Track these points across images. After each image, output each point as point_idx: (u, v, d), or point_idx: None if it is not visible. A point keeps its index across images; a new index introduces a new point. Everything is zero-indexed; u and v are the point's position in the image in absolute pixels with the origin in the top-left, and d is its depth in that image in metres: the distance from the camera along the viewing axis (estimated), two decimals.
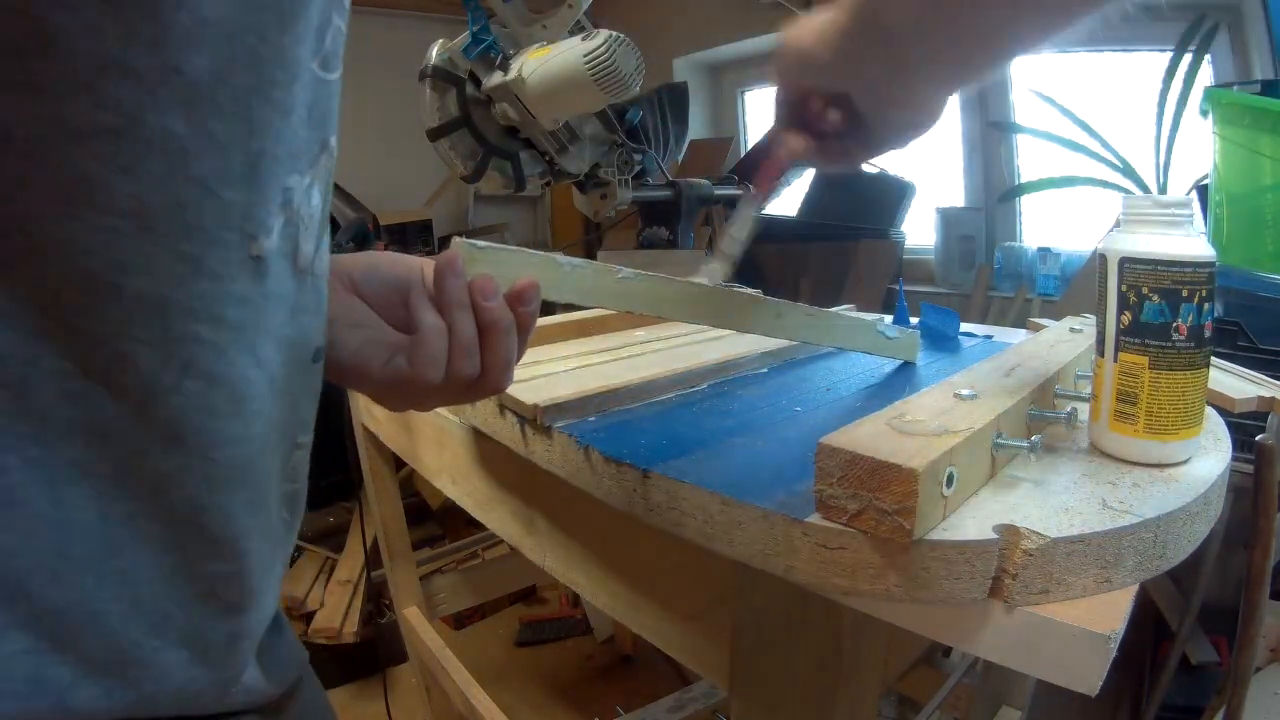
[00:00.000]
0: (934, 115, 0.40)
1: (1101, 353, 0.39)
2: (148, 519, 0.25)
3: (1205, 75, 1.60)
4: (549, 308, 0.91)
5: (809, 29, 0.40)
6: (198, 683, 0.28)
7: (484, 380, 0.36)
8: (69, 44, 0.20)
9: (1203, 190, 1.33)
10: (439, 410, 0.69)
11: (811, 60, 0.40)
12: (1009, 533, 0.31)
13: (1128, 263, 0.37)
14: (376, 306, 0.36)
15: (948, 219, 2.06)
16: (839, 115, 0.41)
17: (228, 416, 0.26)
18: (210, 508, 0.27)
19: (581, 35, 0.90)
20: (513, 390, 0.52)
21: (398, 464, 1.08)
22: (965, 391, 0.39)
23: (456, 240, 0.37)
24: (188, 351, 0.24)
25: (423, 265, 0.37)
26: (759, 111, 2.75)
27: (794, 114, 0.43)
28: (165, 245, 0.23)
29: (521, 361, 0.38)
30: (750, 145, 2.45)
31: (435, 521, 1.95)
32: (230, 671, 0.30)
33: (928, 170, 2.14)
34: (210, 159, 0.23)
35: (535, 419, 0.49)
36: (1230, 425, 0.45)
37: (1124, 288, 0.37)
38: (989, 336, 0.74)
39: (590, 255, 1.74)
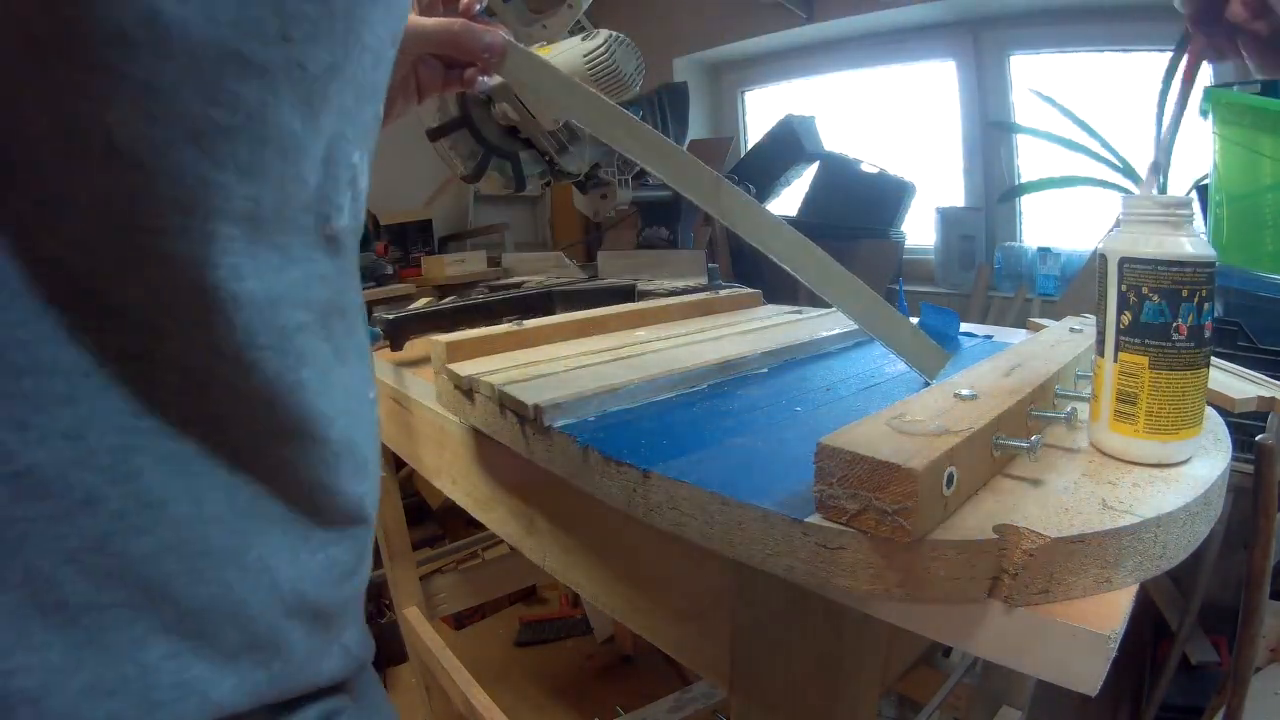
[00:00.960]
0: None
1: (1101, 353, 0.39)
2: (270, 501, 0.25)
3: (1205, 75, 1.60)
4: (549, 308, 0.91)
5: None
6: (316, 653, 0.28)
7: None
8: (184, 35, 0.18)
9: (1203, 190, 1.33)
10: (439, 410, 0.69)
11: None
12: (1009, 533, 0.31)
13: (1128, 263, 0.37)
14: None
15: (948, 219, 2.06)
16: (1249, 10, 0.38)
17: (326, 394, 0.26)
18: (326, 484, 0.27)
19: (581, 35, 0.90)
20: (513, 390, 0.52)
21: (398, 464, 1.09)
22: (965, 391, 0.39)
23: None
24: (298, 343, 0.25)
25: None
26: (759, 111, 2.75)
27: (1204, 6, 0.42)
28: (267, 242, 0.23)
29: (522, 361, 0.38)
30: (750, 145, 2.44)
31: (435, 521, 1.95)
32: (341, 635, 0.30)
33: (928, 170, 2.14)
34: (311, 152, 0.23)
35: (535, 419, 0.49)
36: (1230, 425, 0.45)
37: (1124, 288, 0.37)
38: (989, 336, 0.74)
39: (590, 255, 1.74)
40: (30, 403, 0.19)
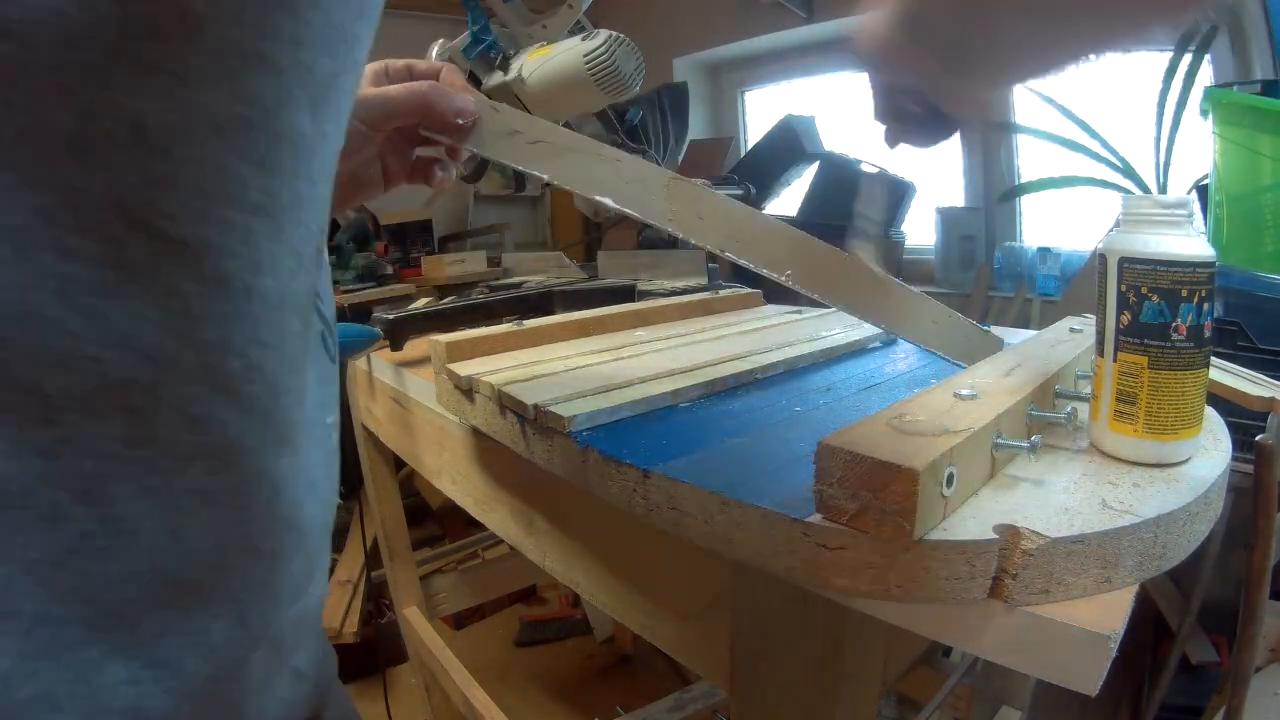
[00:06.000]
0: (992, 107, 0.42)
1: (1101, 353, 0.39)
2: (262, 536, 0.25)
3: (1205, 75, 1.60)
4: (549, 308, 0.91)
5: (876, 20, 0.40)
6: (271, 677, 0.28)
7: None
8: (214, 32, 0.19)
9: (1203, 190, 1.33)
10: (439, 410, 0.69)
11: (882, 51, 0.40)
12: (1009, 533, 0.31)
13: (1127, 263, 0.37)
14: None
15: (948, 219, 2.06)
16: (919, 105, 0.42)
17: (303, 406, 0.26)
18: (307, 504, 0.27)
19: (581, 35, 0.90)
20: (513, 390, 0.52)
21: (398, 464, 1.09)
22: (965, 391, 0.39)
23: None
24: (294, 347, 0.25)
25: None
26: (759, 111, 2.74)
27: (888, 105, 0.44)
28: (284, 242, 0.23)
29: (522, 361, 0.38)
30: (750, 145, 2.44)
31: (435, 521, 1.95)
32: (291, 658, 0.30)
33: (928, 170, 2.14)
34: (320, 157, 0.24)
35: (535, 419, 0.49)
36: (1230, 425, 0.45)
37: (1123, 288, 0.37)
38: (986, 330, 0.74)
39: (590, 256, 1.74)
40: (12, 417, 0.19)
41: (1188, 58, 1.57)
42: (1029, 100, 1.94)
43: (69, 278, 0.19)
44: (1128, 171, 1.71)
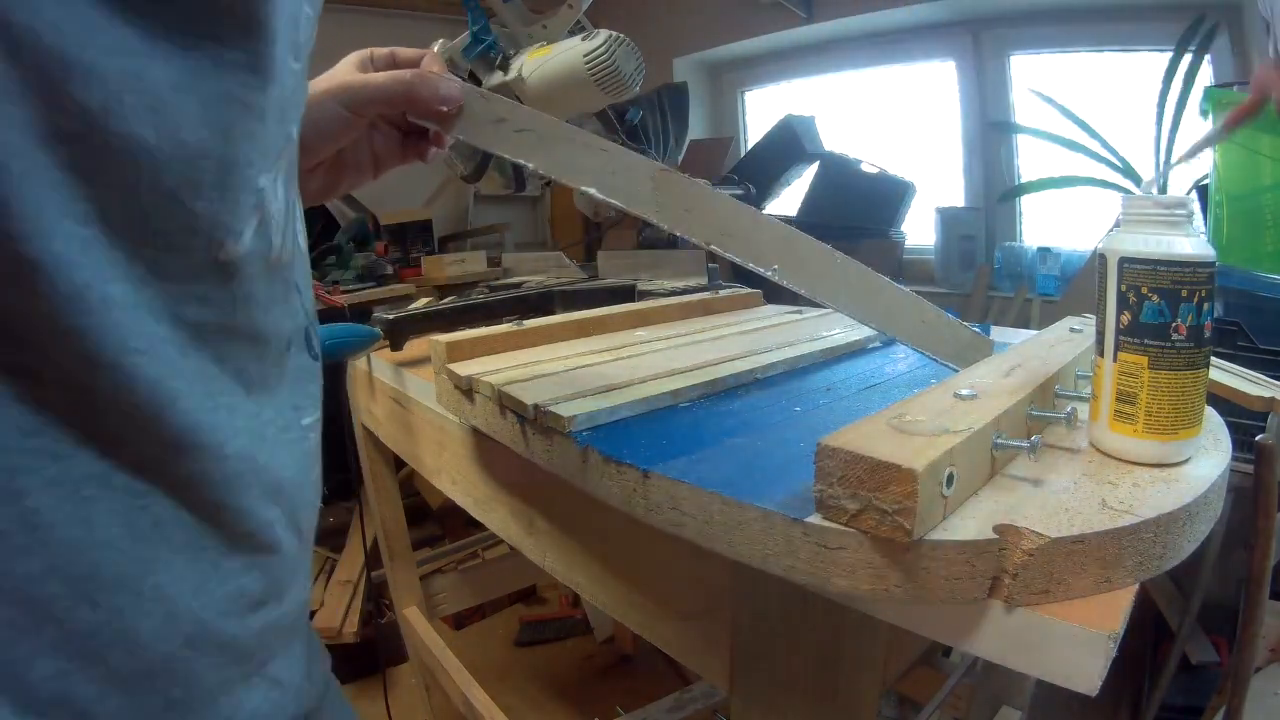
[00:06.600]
0: None
1: (1101, 353, 0.39)
2: (173, 527, 0.25)
3: (1205, 75, 1.60)
4: (549, 308, 0.91)
5: None
6: (230, 683, 0.28)
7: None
8: (33, 45, 0.19)
9: (1203, 190, 1.33)
10: (439, 410, 0.69)
11: None
12: (1009, 533, 0.31)
13: (1127, 263, 0.37)
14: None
15: (948, 219, 2.06)
16: None
17: (215, 411, 0.26)
18: (228, 503, 0.27)
19: (581, 35, 0.90)
20: (513, 390, 0.52)
21: (398, 464, 1.09)
22: (965, 391, 0.39)
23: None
24: (169, 353, 0.24)
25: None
26: (759, 111, 2.75)
27: None
28: (131, 250, 0.22)
29: (522, 361, 0.38)
30: (750, 145, 2.44)
31: (435, 521, 1.95)
32: (263, 667, 0.30)
33: (928, 170, 2.14)
34: (178, 167, 0.22)
35: (535, 419, 0.49)
36: (1230, 425, 0.45)
37: (1123, 288, 0.37)
38: (985, 330, 0.74)
39: (590, 256, 1.74)
40: None
41: (1188, 58, 1.57)
42: (1029, 100, 1.94)
43: None
44: (1128, 171, 1.71)
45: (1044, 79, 1.93)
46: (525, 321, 0.73)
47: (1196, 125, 1.49)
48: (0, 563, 0.21)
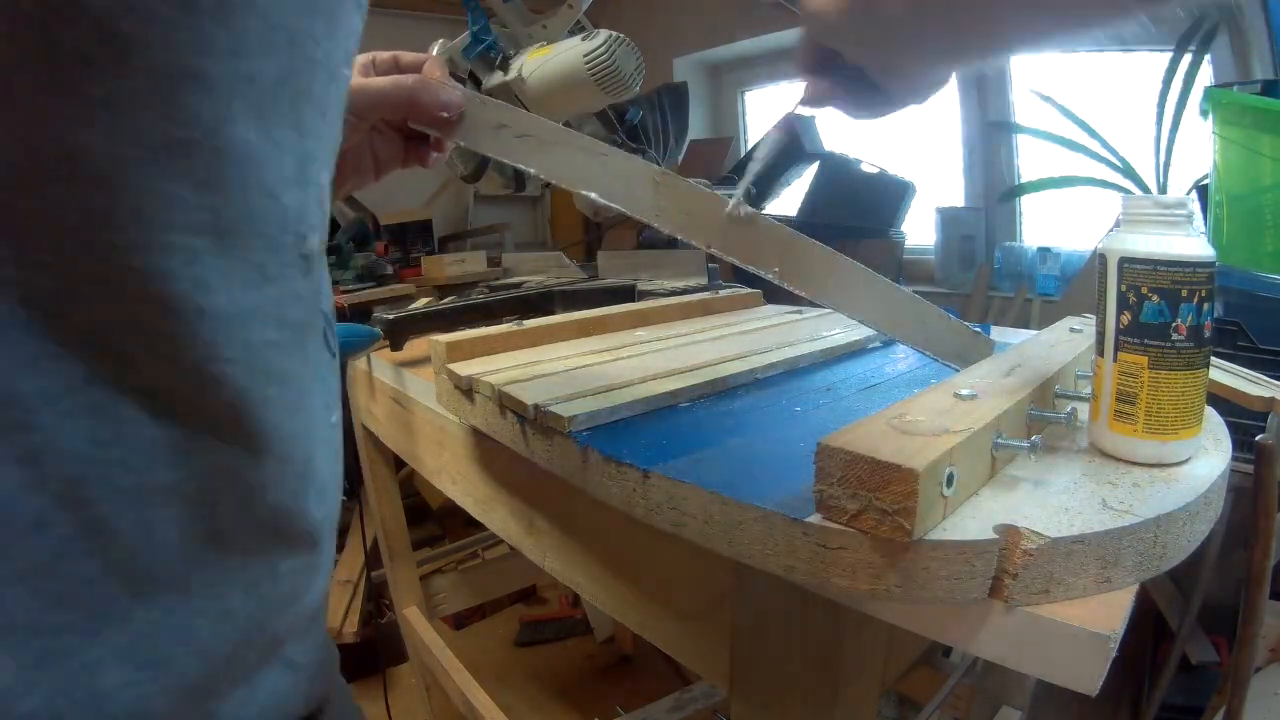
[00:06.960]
0: (935, 86, 0.41)
1: (1101, 353, 0.39)
2: (238, 533, 0.25)
3: (1205, 75, 1.60)
4: (549, 308, 0.91)
5: None
6: (262, 673, 0.28)
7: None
8: (144, 54, 0.19)
9: (1203, 190, 1.33)
10: (439, 410, 0.69)
11: (823, 21, 0.40)
12: (1009, 533, 0.31)
13: (1127, 263, 0.37)
14: None
15: (948, 219, 2.06)
16: (854, 70, 0.41)
17: (293, 413, 0.26)
18: (293, 509, 0.27)
19: (581, 35, 0.90)
20: (513, 390, 0.52)
21: (398, 464, 1.09)
22: (965, 391, 0.39)
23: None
24: (267, 359, 0.25)
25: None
26: (759, 111, 2.75)
27: (814, 62, 0.43)
28: (239, 256, 0.23)
29: (522, 361, 0.38)
30: (750, 145, 2.44)
31: (435, 521, 1.95)
32: (284, 650, 0.30)
33: (928, 170, 2.14)
34: (274, 166, 0.23)
35: (535, 419, 0.49)
36: (1230, 425, 0.45)
37: (1123, 288, 0.37)
38: (986, 330, 0.74)
39: (590, 256, 1.74)
40: None
41: (1188, 58, 1.57)
42: (1029, 100, 1.94)
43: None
44: (1128, 171, 1.71)
45: (1044, 79, 1.93)
46: (525, 321, 0.73)
47: (1197, 125, 1.49)
48: (66, 567, 0.21)
